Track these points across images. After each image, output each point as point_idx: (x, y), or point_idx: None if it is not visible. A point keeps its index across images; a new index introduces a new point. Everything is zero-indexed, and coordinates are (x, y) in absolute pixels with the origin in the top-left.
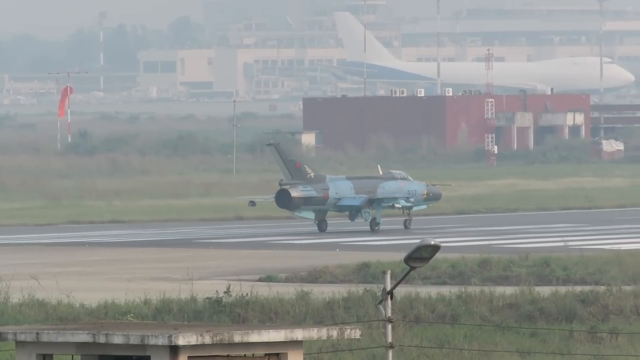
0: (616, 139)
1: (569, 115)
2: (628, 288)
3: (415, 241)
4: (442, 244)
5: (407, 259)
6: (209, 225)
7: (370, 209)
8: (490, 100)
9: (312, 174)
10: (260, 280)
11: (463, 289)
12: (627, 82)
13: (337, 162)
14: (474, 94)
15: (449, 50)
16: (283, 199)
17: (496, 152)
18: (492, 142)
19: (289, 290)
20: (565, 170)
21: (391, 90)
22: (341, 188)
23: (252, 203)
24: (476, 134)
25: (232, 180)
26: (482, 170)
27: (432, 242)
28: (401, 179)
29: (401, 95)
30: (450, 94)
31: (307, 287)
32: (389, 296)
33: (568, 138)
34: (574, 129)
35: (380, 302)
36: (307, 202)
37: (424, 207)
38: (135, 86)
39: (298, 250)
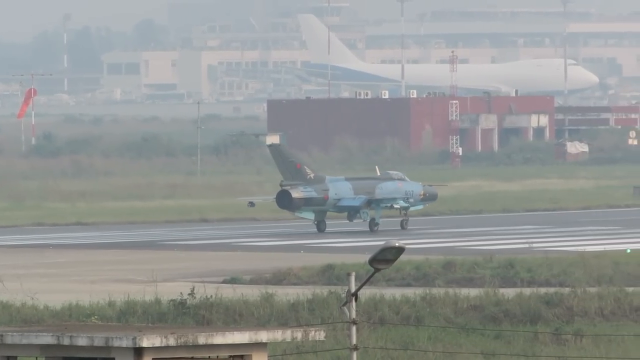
0: (580, 141)
1: (533, 117)
2: (593, 289)
3: (379, 243)
4: (407, 246)
5: (372, 261)
6: (174, 227)
7: (369, 209)
8: (454, 102)
9: (312, 175)
10: (224, 282)
11: (427, 291)
12: (591, 83)
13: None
14: (438, 95)
15: (413, 52)
16: (284, 199)
17: (460, 153)
18: (456, 143)
19: (253, 292)
20: (530, 171)
21: (355, 92)
22: (340, 189)
23: (251, 204)
24: (440, 136)
25: (196, 182)
26: (447, 172)
27: (397, 244)
28: (398, 179)
29: (365, 97)
30: (415, 95)
31: (271, 289)
32: (354, 298)
33: (532, 140)
34: (538, 131)
35: (344, 304)
36: (307, 202)
37: (421, 207)
38: (99, 88)
39: (262, 252)
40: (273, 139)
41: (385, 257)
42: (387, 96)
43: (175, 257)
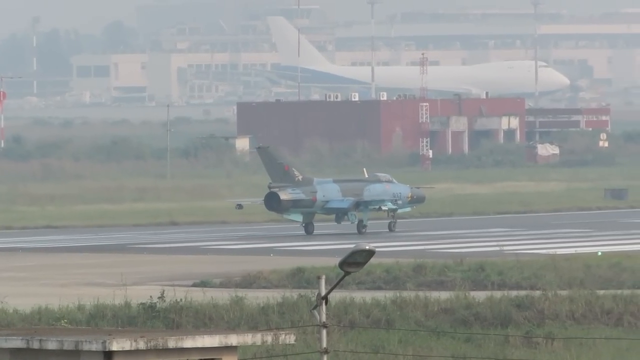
0: (551, 143)
1: (504, 119)
2: (564, 292)
3: (350, 246)
4: (377, 249)
5: (342, 264)
6: (143, 231)
7: (357, 211)
8: (424, 104)
9: (300, 177)
10: (194, 285)
11: (398, 294)
12: (562, 85)
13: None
14: (408, 98)
15: (383, 54)
16: (272, 201)
17: (431, 156)
18: (426, 146)
19: (223, 296)
20: (500, 174)
21: (325, 95)
22: (329, 191)
23: (240, 206)
24: (411, 138)
25: (166, 185)
26: (417, 175)
27: (367, 247)
28: (386, 181)
29: (335, 99)
30: (385, 98)
31: (241, 293)
32: (324, 301)
33: (503, 142)
34: (509, 133)
35: (314, 307)
36: (295, 204)
37: (408, 209)
38: (69, 91)
39: (232, 255)
40: (243, 141)
41: (355, 260)
42: (357, 98)
43: (144, 261)
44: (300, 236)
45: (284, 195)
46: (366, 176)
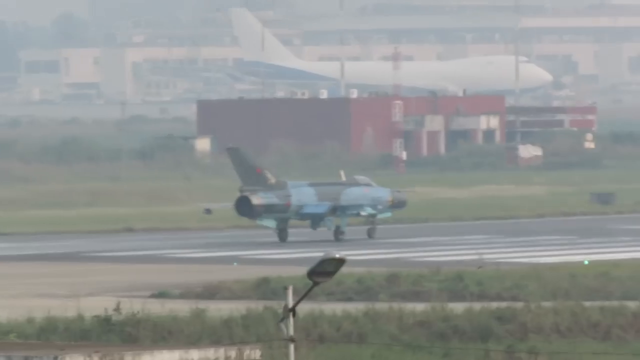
0: (534, 144)
1: (483, 119)
2: (548, 304)
3: (319, 254)
4: (348, 257)
5: (311, 274)
6: (97, 238)
7: (334, 217)
8: (398, 102)
9: (273, 180)
10: (152, 296)
11: (370, 306)
12: (545, 82)
13: (233, 170)
14: (380, 95)
15: (354, 49)
16: (243, 206)
17: (405, 158)
18: (400, 147)
19: (183, 308)
20: (480, 177)
21: (291, 92)
22: (304, 195)
23: (208, 211)
24: (383, 139)
25: (120, 188)
26: (390, 178)
27: (337, 256)
28: (365, 185)
29: (302, 97)
30: (355, 95)
31: (202, 304)
32: (291, 313)
33: (482, 143)
34: (488, 133)
35: (281, 320)
36: (268, 209)
37: (389, 214)
38: (16, 87)
39: (193, 264)
40: (203, 142)
41: (324, 270)
42: (325, 96)
43: (98, 270)
44: (268, 243)
45: (256, 200)
46: (344, 179)
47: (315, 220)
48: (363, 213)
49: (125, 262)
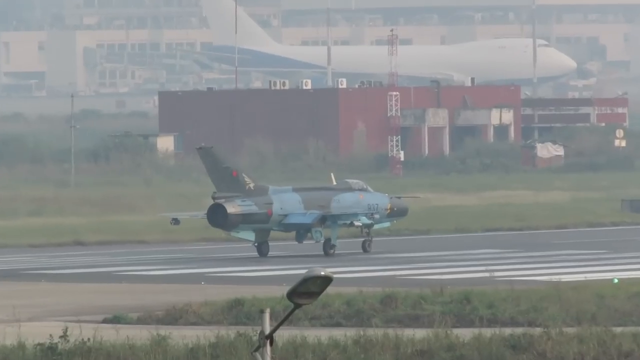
0: (554, 142)
1: (494, 113)
2: (571, 330)
3: (301, 271)
4: (335, 275)
5: (291, 294)
6: (41, 252)
7: (323, 227)
8: (394, 93)
9: (251, 185)
10: (105, 321)
11: (362, 332)
12: (567, 69)
13: (202, 173)
14: (374, 85)
15: (342, 31)
16: (217, 216)
17: (402, 158)
18: (397, 146)
19: (141, 334)
20: (490, 181)
21: (270, 82)
22: (287, 202)
23: (176, 221)
24: (377, 137)
25: (69, 195)
26: (385, 182)
27: (322, 273)
28: (359, 189)
29: (282, 87)
30: (344, 85)
31: (164, 330)
32: (268, 341)
33: (493, 141)
34: (501, 130)
35: (257, 349)
36: (246, 219)
37: (387, 224)
38: None
39: (153, 284)
40: (166, 140)
41: (307, 290)
42: (309, 86)
43: (43, 290)
44: (243, 259)
45: (232, 208)
46: (334, 183)
47: (301, 231)
48: (357, 223)
49: (74, 281)
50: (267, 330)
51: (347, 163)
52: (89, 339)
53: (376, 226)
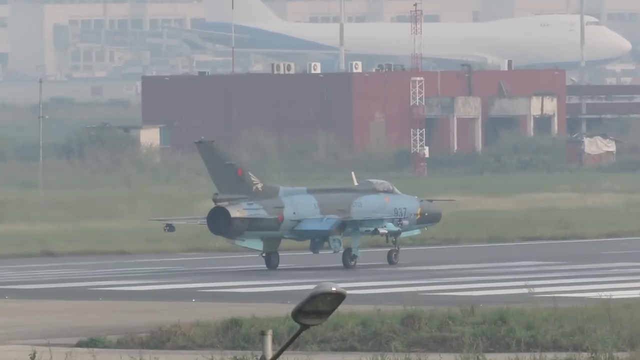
0: (604, 136)
1: (535, 102)
2: (623, 355)
3: (309, 286)
4: (348, 291)
5: (297, 314)
6: (5, 264)
7: (342, 235)
8: (418, 79)
9: (259, 185)
10: (79, 344)
11: (379, 358)
12: (621, 52)
13: (192, 172)
14: (394, 70)
15: (358, 6)
16: (219, 221)
17: (427, 155)
18: (420, 141)
19: None
20: (530, 182)
21: (272, 65)
22: (301, 205)
23: (170, 227)
24: (397, 130)
25: (37, 197)
26: (407, 182)
27: (333, 289)
28: (384, 191)
29: (287, 72)
30: (360, 70)
31: (149, 355)
32: None
33: (533, 135)
34: (542, 122)
35: None
36: (253, 225)
37: (417, 232)
38: None
39: (135, 301)
40: (151, 133)
41: (316, 308)
42: (318, 70)
43: (7, 309)
44: (241, 273)
45: (237, 212)
46: (356, 184)
47: (317, 240)
48: (382, 230)
49: (43, 298)
50: (269, 356)
51: (363, 160)
52: None
53: (404, 234)
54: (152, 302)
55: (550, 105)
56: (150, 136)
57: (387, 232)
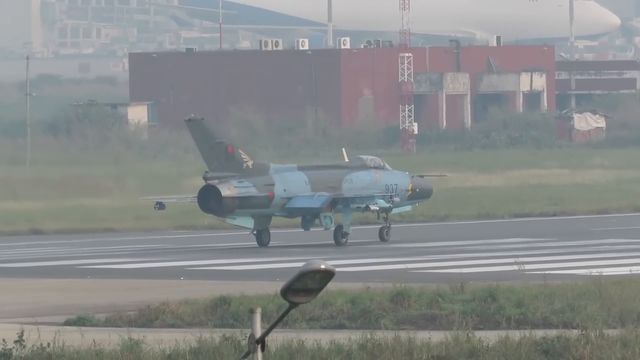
0: (594, 112)
1: (524, 77)
2: (613, 332)
3: (298, 264)
4: (338, 268)
5: (286, 292)
6: None
7: (333, 212)
8: (406, 55)
9: (250, 163)
10: (67, 323)
11: (369, 336)
12: (610, 27)
13: (180, 149)
14: (382, 46)
15: None
16: (209, 199)
17: (416, 132)
18: (409, 117)
19: (110, 338)
20: (519, 158)
21: (260, 42)
22: (292, 182)
23: (160, 205)
24: (386, 106)
25: (24, 175)
26: (396, 159)
27: (322, 266)
28: (375, 167)
29: (275, 48)
30: (348, 45)
31: (137, 334)
32: (259, 346)
33: (522, 111)
34: (532, 97)
35: (245, 355)
36: (243, 203)
37: (409, 208)
38: None
39: (123, 279)
40: (138, 110)
41: (305, 286)
42: (306, 47)
43: None
44: (230, 250)
45: (227, 190)
46: (346, 160)
47: (308, 217)
48: (374, 207)
49: (30, 276)
50: (258, 334)
51: (351, 137)
52: (48, 344)
53: (395, 210)
54: (140, 280)
55: (539, 81)
56: (137, 113)
57: (378, 209)
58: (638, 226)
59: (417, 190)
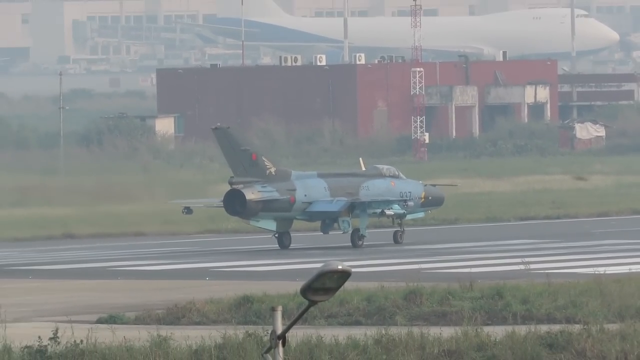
0: (594, 122)
1: (529, 90)
2: (613, 327)
3: (317, 265)
4: (354, 269)
5: (306, 291)
6: (27, 247)
7: (351, 217)
8: (418, 69)
9: (272, 169)
10: (99, 321)
11: (383, 331)
12: (610, 42)
13: (205, 158)
14: (395, 61)
15: (360, 0)
16: (234, 203)
17: (427, 141)
18: (421, 127)
19: (140, 335)
20: (524, 165)
21: (280, 57)
22: (312, 188)
23: (188, 210)
24: (399, 117)
25: (58, 183)
26: (408, 167)
27: (340, 267)
28: (391, 176)
29: (294, 64)
30: (363, 61)
31: (165, 331)
32: (280, 342)
33: (527, 121)
34: (536, 109)
35: (267, 351)
36: (267, 207)
37: (421, 215)
38: None
39: (152, 280)
40: (165, 122)
41: (323, 285)
42: (324, 62)
43: (30, 288)
44: (251, 252)
45: (251, 194)
46: (363, 168)
47: (327, 221)
48: (389, 212)
49: (64, 278)
50: (279, 330)
51: (366, 146)
52: (81, 341)
53: (409, 216)
54: (168, 280)
55: (543, 93)
56: (165, 125)
57: (393, 213)
58: (636, 228)
59: (430, 198)
